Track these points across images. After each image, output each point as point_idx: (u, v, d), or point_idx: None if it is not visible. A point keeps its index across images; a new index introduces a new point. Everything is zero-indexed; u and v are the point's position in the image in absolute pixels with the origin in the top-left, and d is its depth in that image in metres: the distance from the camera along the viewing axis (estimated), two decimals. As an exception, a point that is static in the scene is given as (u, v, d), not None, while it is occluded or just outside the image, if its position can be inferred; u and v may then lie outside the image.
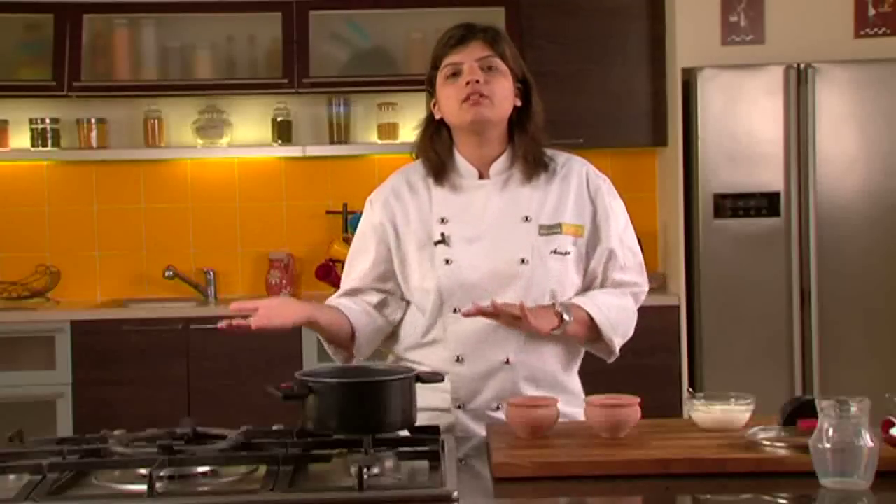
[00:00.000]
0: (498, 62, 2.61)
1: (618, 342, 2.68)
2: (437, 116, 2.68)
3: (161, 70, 5.70)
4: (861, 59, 5.31)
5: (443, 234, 2.63)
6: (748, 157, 5.22)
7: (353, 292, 2.73)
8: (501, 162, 2.68)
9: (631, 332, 2.73)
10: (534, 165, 2.66)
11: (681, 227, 5.37)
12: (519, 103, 2.66)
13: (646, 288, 2.77)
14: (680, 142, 5.36)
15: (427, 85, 2.70)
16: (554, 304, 2.58)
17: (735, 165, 5.23)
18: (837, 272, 5.21)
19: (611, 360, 2.74)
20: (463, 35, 2.63)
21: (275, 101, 5.76)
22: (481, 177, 2.68)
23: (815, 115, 5.19)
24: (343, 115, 5.76)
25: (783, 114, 5.20)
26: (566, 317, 2.56)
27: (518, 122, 2.67)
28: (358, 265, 2.74)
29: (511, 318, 2.49)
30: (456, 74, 2.61)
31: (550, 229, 2.64)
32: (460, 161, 2.68)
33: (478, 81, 2.58)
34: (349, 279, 2.76)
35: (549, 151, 2.71)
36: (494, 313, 2.48)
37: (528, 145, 2.66)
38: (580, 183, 2.70)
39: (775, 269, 5.22)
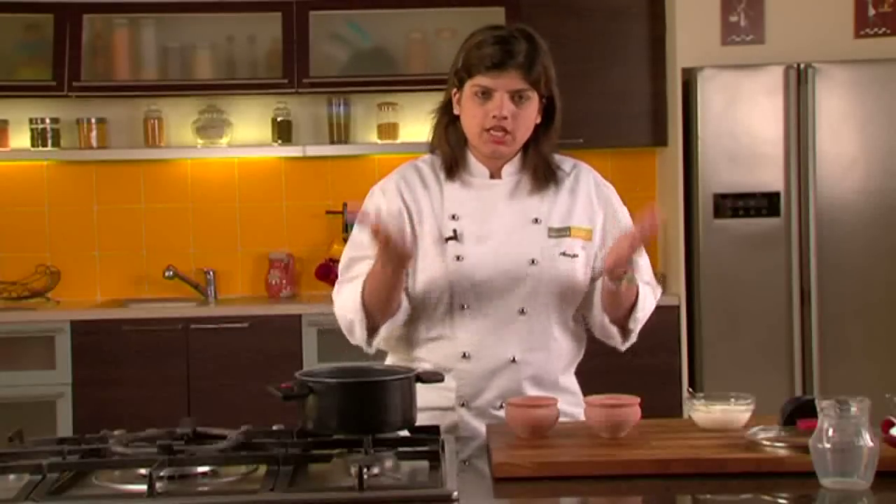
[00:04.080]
0: (530, 93, 2.59)
1: (637, 331, 2.68)
2: (456, 112, 2.66)
3: (161, 70, 5.70)
4: (861, 59, 5.31)
5: (455, 231, 2.63)
6: (748, 157, 5.22)
7: None
8: (513, 164, 2.68)
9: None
10: (543, 179, 2.67)
11: (681, 227, 5.37)
12: (539, 120, 2.65)
13: (660, 290, 2.78)
14: (680, 142, 5.36)
15: (452, 75, 2.65)
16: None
17: (735, 165, 5.23)
18: (837, 272, 5.21)
19: (624, 348, 2.72)
20: (502, 60, 2.56)
21: (275, 101, 5.76)
22: (492, 176, 2.68)
23: (815, 115, 5.19)
24: (343, 115, 5.76)
25: (783, 114, 5.21)
26: (636, 315, 2.62)
27: (534, 136, 2.66)
28: (372, 248, 2.58)
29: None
30: (486, 95, 2.58)
31: (559, 232, 2.65)
32: (472, 159, 2.68)
33: (505, 118, 2.57)
34: (362, 262, 2.62)
35: (556, 157, 2.72)
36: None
37: (540, 161, 2.67)
38: (588, 189, 2.71)
39: (775, 269, 5.23)
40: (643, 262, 2.72)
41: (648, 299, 2.68)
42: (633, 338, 2.70)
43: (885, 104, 5.23)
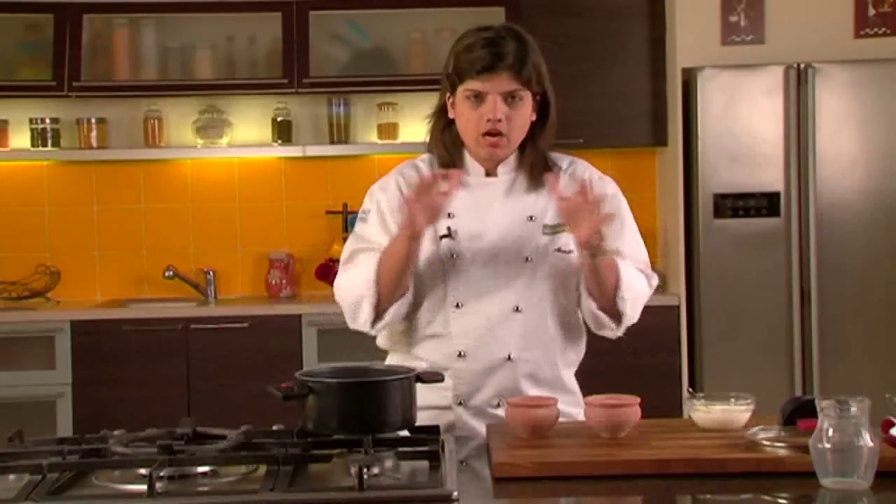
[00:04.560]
0: (522, 93, 2.59)
1: (628, 313, 2.62)
2: (451, 116, 2.66)
3: (161, 70, 5.70)
4: (861, 59, 5.31)
5: (449, 229, 2.63)
6: (748, 157, 5.22)
7: None
8: (509, 163, 2.69)
9: (637, 315, 2.66)
10: (539, 177, 2.67)
11: (681, 227, 5.37)
12: (534, 117, 2.65)
13: (656, 279, 2.74)
14: (680, 142, 5.36)
15: (444, 79, 2.65)
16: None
17: (735, 165, 5.23)
18: (837, 272, 5.21)
19: (617, 335, 2.68)
20: (491, 63, 2.56)
21: (275, 101, 5.76)
22: (488, 174, 2.69)
23: (815, 115, 5.19)
24: (343, 115, 5.76)
25: (783, 114, 5.20)
26: (622, 293, 2.57)
27: (530, 134, 2.66)
28: (378, 239, 2.64)
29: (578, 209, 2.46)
30: (478, 98, 2.58)
31: (554, 229, 2.65)
32: (468, 158, 2.69)
33: (499, 120, 2.57)
34: (370, 251, 2.62)
35: (553, 155, 2.72)
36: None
37: (536, 158, 2.67)
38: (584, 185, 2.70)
39: (775, 269, 5.22)
40: (628, 250, 2.68)
41: (634, 280, 2.63)
42: (627, 321, 2.64)
43: (885, 104, 5.22)
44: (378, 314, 2.60)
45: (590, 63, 5.50)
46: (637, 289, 2.64)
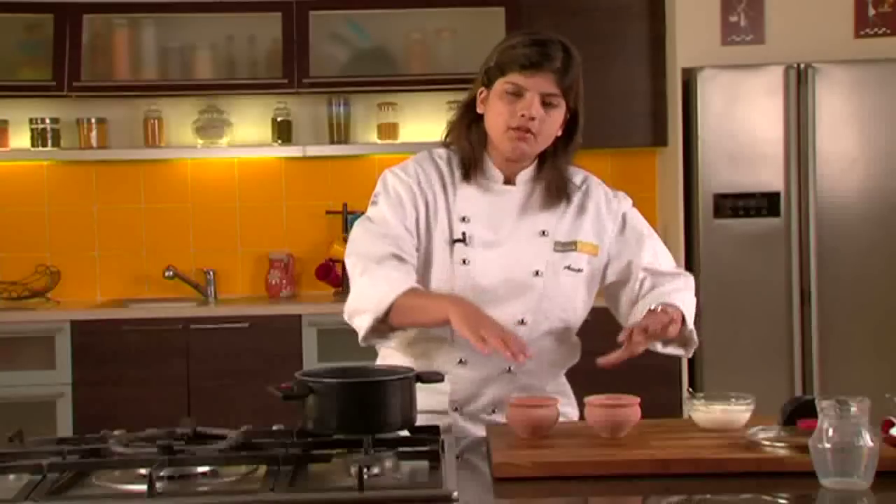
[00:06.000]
0: (559, 100, 2.57)
1: (695, 337, 2.66)
2: (480, 111, 2.64)
3: (161, 70, 5.70)
4: (861, 59, 5.31)
5: (463, 234, 2.61)
6: (748, 157, 5.23)
7: (398, 258, 2.58)
8: (527, 173, 2.66)
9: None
10: (555, 195, 2.65)
11: (681, 227, 5.37)
12: (560, 132, 2.63)
13: (689, 275, 2.74)
14: (680, 142, 5.36)
15: (482, 74, 2.62)
16: (664, 310, 2.54)
17: (735, 165, 5.23)
18: (837, 272, 5.21)
19: (690, 354, 2.71)
20: (538, 61, 2.54)
21: (275, 101, 5.76)
22: (506, 182, 2.67)
23: (815, 115, 5.19)
24: (343, 115, 5.76)
25: (783, 114, 5.21)
26: (689, 325, 2.60)
27: (552, 149, 2.64)
28: (394, 225, 2.61)
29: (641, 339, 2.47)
30: (517, 94, 2.56)
31: (565, 246, 2.64)
32: (489, 162, 2.66)
33: (533, 118, 2.55)
34: (386, 239, 2.59)
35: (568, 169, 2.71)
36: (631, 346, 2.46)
37: (554, 176, 2.65)
38: (598, 205, 2.70)
39: (775, 269, 5.23)
40: (654, 252, 2.69)
41: (688, 301, 2.64)
42: (695, 340, 2.66)
43: (885, 104, 5.23)
44: (375, 332, 2.54)
45: (590, 63, 5.45)
46: (693, 307, 2.65)
